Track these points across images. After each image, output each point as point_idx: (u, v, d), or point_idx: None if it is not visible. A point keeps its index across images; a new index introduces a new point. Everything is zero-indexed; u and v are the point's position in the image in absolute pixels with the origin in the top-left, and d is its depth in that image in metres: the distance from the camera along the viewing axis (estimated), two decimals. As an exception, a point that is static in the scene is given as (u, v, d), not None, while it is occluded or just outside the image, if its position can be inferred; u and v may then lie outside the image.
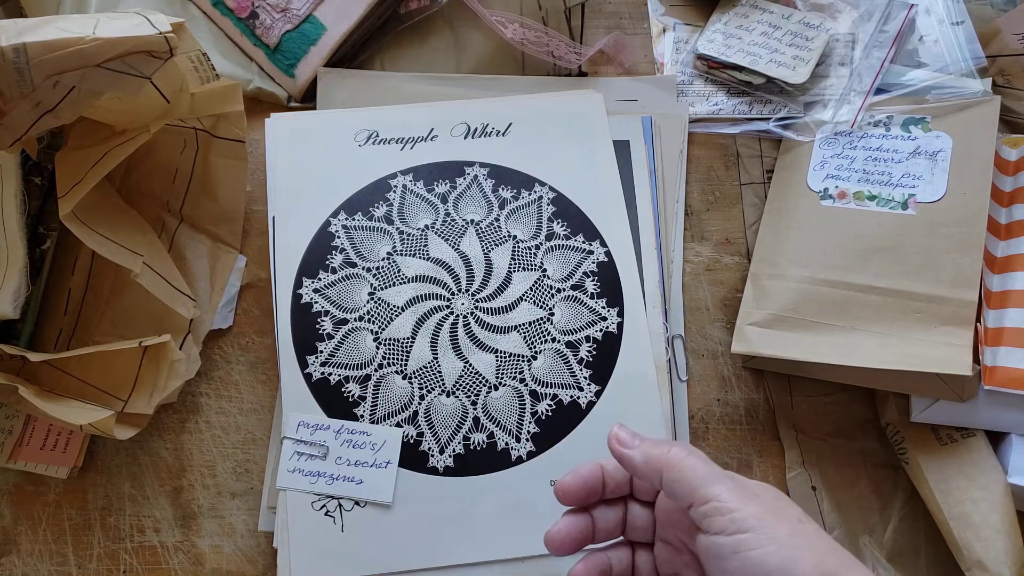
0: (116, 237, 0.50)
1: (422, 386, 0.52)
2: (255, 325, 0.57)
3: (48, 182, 0.55)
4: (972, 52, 0.61)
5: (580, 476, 0.39)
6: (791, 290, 0.55)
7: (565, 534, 0.39)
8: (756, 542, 0.32)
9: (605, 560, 0.39)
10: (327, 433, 0.51)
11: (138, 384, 0.51)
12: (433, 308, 0.54)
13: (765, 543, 0.32)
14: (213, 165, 0.56)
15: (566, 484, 0.39)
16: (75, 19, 0.43)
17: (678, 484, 0.35)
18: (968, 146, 0.56)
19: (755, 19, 0.65)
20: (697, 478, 0.34)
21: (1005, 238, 0.55)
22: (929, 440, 0.53)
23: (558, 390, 0.52)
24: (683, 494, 0.35)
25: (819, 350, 0.52)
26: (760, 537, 0.32)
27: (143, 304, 0.53)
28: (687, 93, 0.64)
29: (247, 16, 0.61)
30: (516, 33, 0.60)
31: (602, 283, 0.55)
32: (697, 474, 0.34)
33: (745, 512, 0.33)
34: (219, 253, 0.57)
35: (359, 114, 0.59)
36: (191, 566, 0.52)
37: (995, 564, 0.48)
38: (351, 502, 0.50)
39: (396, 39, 0.63)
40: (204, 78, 0.50)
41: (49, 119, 0.44)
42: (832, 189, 0.58)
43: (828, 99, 0.62)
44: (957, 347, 0.50)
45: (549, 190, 0.57)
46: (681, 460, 0.35)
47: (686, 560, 0.38)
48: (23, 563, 0.52)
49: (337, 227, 0.55)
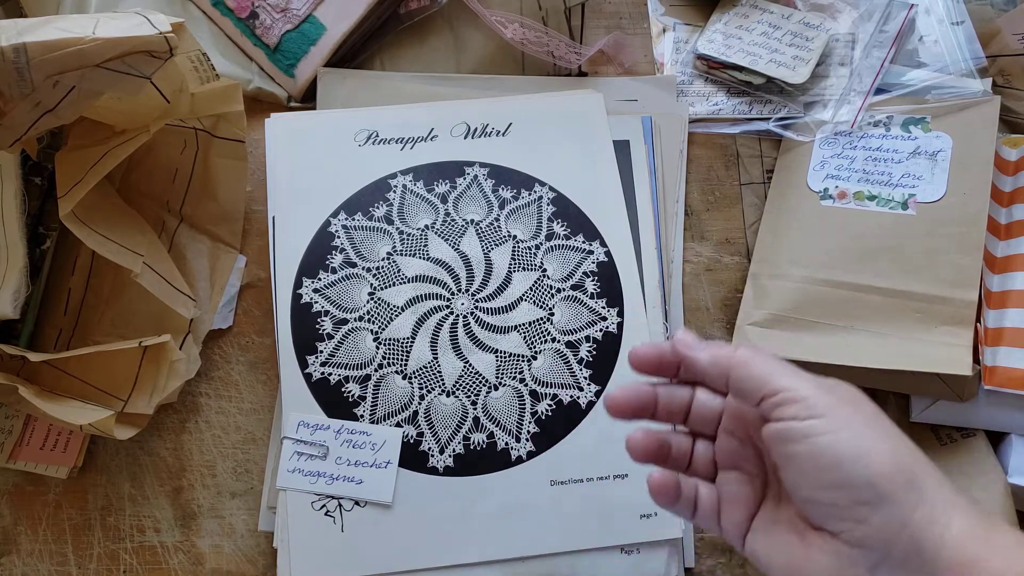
0: (116, 237, 0.50)
1: (422, 386, 0.52)
2: (255, 325, 0.57)
3: (48, 182, 0.55)
4: (972, 52, 0.61)
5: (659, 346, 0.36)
6: (791, 290, 0.55)
7: (624, 396, 0.36)
8: (829, 426, 0.30)
9: (664, 437, 0.37)
10: (327, 433, 0.51)
11: (138, 384, 0.51)
12: (433, 308, 0.54)
13: (838, 428, 0.30)
14: (213, 165, 0.56)
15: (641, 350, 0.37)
16: (75, 19, 0.43)
17: (747, 381, 0.33)
18: (968, 146, 0.56)
19: (755, 19, 0.65)
20: (766, 372, 0.33)
21: (1005, 238, 0.55)
22: (929, 440, 0.53)
23: (558, 390, 0.52)
24: (752, 390, 0.33)
25: (819, 350, 0.52)
26: (834, 422, 0.30)
27: (143, 304, 0.53)
28: (687, 93, 0.64)
29: (247, 16, 0.61)
30: (516, 33, 0.60)
31: (602, 283, 0.55)
32: (766, 368, 0.33)
33: (819, 400, 0.31)
34: (219, 253, 0.57)
35: (359, 114, 0.59)
36: (191, 566, 0.52)
37: (995, 564, 0.48)
38: (351, 502, 0.50)
39: (396, 39, 0.63)
40: (204, 78, 0.50)
41: (49, 119, 0.44)
42: (832, 189, 0.58)
43: (828, 99, 0.62)
44: (957, 347, 0.50)
45: (549, 190, 0.57)
46: (749, 357, 0.33)
47: (749, 453, 0.36)
48: (23, 563, 0.52)
49: (337, 227, 0.55)
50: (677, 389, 0.38)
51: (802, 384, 0.32)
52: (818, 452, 0.31)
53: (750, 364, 0.33)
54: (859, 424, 0.31)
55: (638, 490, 0.48)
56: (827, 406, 0.31)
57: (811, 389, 0.32)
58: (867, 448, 0.30)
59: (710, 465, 0.38)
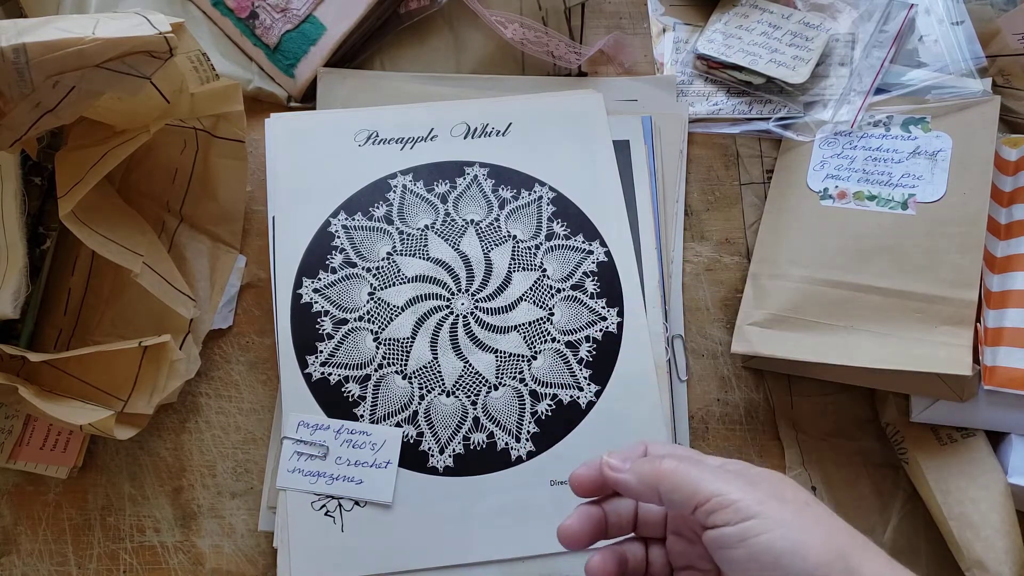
0: (116, 237, 0.50)
1: (422, 386, 0.52)
2: (255, 325, 0.57)
3: (48, 182, 0.55)
4: (972, 52, 0.61)
5: (594, 467, 0.38)
6: (791, 290, 0.55)
7: (579, 527, 0.37)
8: (762, 527, 0.31)
9: (621, 552, 0.38)
10: (327, 433, 0.51)
11: (138, 384, 0.51)
12: (433, 308, 0.54)
13: (772, 527, 0.31)
14: (213, 165, 0.56)
15: (580, 475, 0.38)
16: (75, 19, 0.43)
17: (676, 493, 0.34)
18: (968, 146, 0.56)
19: (755, 19, 0.65)
20: (693, 482, 0.33)
21: (1005, 238, 0.55)
22: (929, 440, 0.53)
23: (558, 390, 0.52)
24: (682, 501, 0.34)
25: (819, 350, 0.52)
26: (766, 522, 0.31)
27: (143, 304, 0.53)
28: (687, 93, 0.64)
29: (247, 16, 0.61)
30: (516, 33, 0.60)
31: (602, 283, 0.55)
32: (692, 478, 0.34)
33: (749, 500, 0.32)
34: (219, 253, 0.57)
35: (359, 114, 0.59)
36: (191, 566, 0.52)
37: (995, 564, 0.48)
38: (351, 502, 0.50)
39: (396, 39, 0.63)
40: (204, 78, 0.50)
41: (49, 119, 0.44)
42: (832, 189, 0.58)
43: (828, 99, 0.62)
44: (957, 347, 0.50)
45: (549, 190, 0.57)
46: (673, 470, 0.34)
47: (700, 552, 0.37)
48: (23, 563, 0.52)
49: (337, 227, 0.55)
50: (622, 501, 0.39)
51: (730, 487, 0.32)
52: (757, 553, 0.31)
53: (676, 475, 0.34)
54: (790, 516, 0.32)
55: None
56: (758, 504, 0.32)
57: (739, 490, 0.32)
58: (802, 540, 0.31)
59: (666, 567, 0.39)
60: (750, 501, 0.32)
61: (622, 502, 0.39)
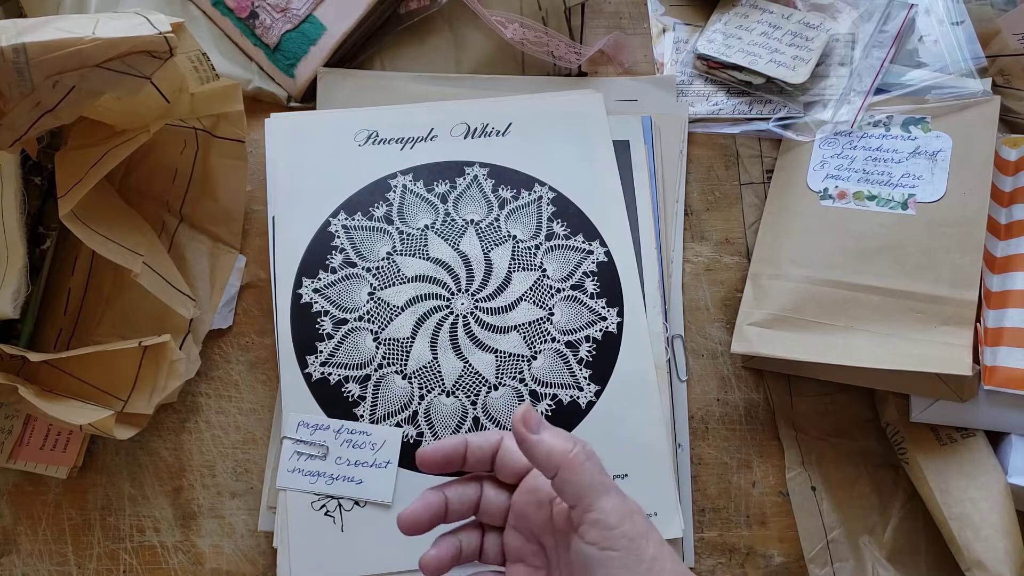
0: (116, 237, 0.50)
1: (422, 386, 0.52)
2: (255, 325, 0.57)
3: (48, 182, 0.55)
4: (972, 52, 0.61)
5: (442, 446, 0.40)
6: (791, 290, 0.55)
7: (419, 513, 0.40)
8: (623, 561, 0.35)
9: (456, 543, 0.41)
10: (327, 433, 0.51)
11: (138, 384, 0.51)
12: (433, 308, 0.54)
13: (631, 564, 0.35)
14: (213, 165, 0.56)
15: (426, 451, 0.40)
16: (75, 19, 0.43)
17: (571, 485, 0.36)
18: (968, 146, 0.56)
19: (755, 19, 0.65)
20: (590, 485, 0.36)
21: (1005, 238, 0.55)
22: (929, 440, 0.53)
23: (558, 390, 0.52)
24: (572, 495, 0.36)
25: (819, 350, 0.52)
26: (626, 558, 0.35)
27: (143, 304, 0.53)
28: (687, 93, 0.64)
29: (247, 16, 0.61)
30: (516, 33, 0.60)
31: (602, 283, 0.55)
32: (590, 480, 0.36)
33: (621, 531, 0.35)
34: (219, 253, 0.57)
35: (359, 114, 0.59)
36: (191, 566, 0.52)
37: (995, 564, 0.48)
38: (351, 502, 0.50)
39: (396, 39, 0.63)
40: (204, 78, 0.50)
41: (49, 119, 0.44)
42: (832, 189, 0.58)
43: (828, 99, 0.62)
44: (957, 347, 0.50)
45: (549, 190, 0.57)
46: (581, 464, 0.36)
47: (533, 549, 0.40)
48: (23, 563, 0.52)
49: (337, 227, 0.55)
50: (467, 489, 0.41)
51: (613, 511, 0.36)
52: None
53: (579, 471, 0.36)
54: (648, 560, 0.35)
55: (638, 489, 0.48)
56: (626, 539, 0.35)
57: (617, 517, 0.35)
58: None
59: (499, 556, 0.42)
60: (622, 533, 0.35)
61: (468, 489, 0.41)
